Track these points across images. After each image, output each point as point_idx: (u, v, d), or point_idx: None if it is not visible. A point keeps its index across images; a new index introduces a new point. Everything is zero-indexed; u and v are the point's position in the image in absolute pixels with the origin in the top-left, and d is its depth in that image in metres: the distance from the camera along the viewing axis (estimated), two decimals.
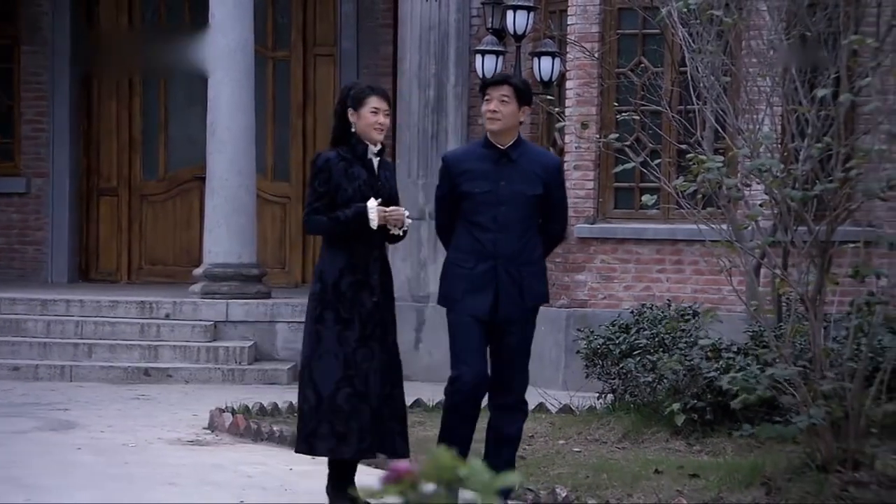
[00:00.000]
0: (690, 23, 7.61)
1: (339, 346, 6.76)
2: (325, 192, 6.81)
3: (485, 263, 6.72)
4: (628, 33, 12.10)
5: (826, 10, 7.66)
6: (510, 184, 6.71)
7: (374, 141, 6.86)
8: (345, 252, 6.81)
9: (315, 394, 6.78)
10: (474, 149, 6.99)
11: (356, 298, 6.79)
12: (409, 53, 13.03)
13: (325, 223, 6.80)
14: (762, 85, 7.76)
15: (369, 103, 6.81)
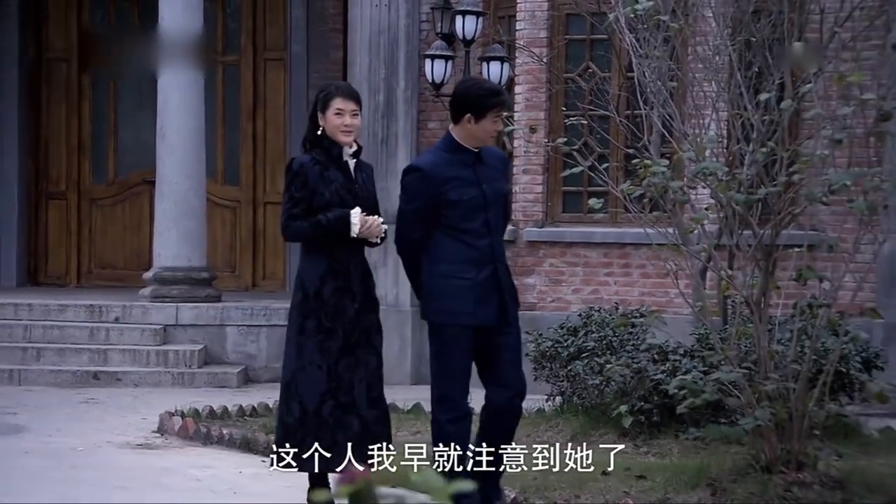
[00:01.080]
0: (637, 28, 7.64)
1: (322, 356, 6.54)
2: (301, 197, 6.58)
3: (486, 270, 6.52)
4: (576, 38, 12.15)
5: (770, 16, 7.71)
6: (489, 185, 6.59)
7: (342, 143, 6.66)
8: (325, 258, 6.60)
9: (300, 407, 6.56)
10: (442, 155, 6.66)
11: (338, 306, 6.57)
12: (358, 58, 13.03)
13: (305, 228, 6.58)
14: (708, 90, 7.80)
15: (333, 105, 6.65)
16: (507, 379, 6.64)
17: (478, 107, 6.53)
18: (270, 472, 7.15)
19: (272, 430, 9.28)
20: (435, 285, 6.56)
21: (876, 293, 11.25)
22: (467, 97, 6.60)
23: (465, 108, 6.57)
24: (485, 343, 6.58)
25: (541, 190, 12.25)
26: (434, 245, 6.55)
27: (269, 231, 15.09)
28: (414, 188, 6.59)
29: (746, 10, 7.71)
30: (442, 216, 6.51)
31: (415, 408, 10.29)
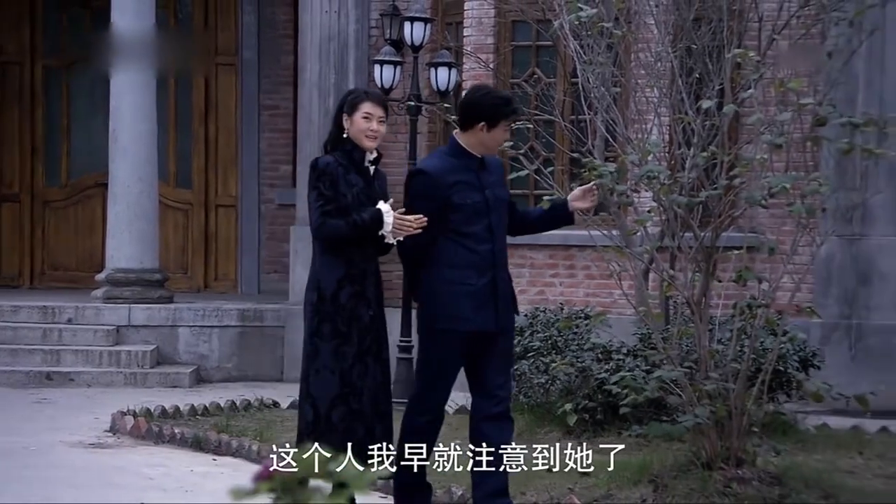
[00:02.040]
0: (581, 35, 7.66)
1: (336, 361, 6.34)
2: (331, 195, 6.30)
3: (485, 276, 6.39)
4: (522, 45, 12.19)
5: (711, 24, 7.77)
6: (492, 190, 6.48)
7: (365, 147, 6.43)
8: (343, 262, 6.36)
9: (313, 409, 6.39)
10: (446, 159, 6.51)
11: (354, 311, 6.36)
12: (309, 63, 13.02)
13: (342, 227, 6.29)
14: (650, 95, 7.84)
15: (362, 108, 6.41)
16: (491, 388, 6.51)
17: (492, 116, 6.43)
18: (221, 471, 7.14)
19: (224, 428, 9.29)
20: (435, 290, 6.42)
21: (813, 294, 11.35)
22: (482, 106, 6.48)
23: (479, 116, 6.43)
24: (477, 349, 6.46)
25: None
26: (437, 249, 6.40)
27: (221, 233, 15.05)
28: (420, 191, 6.43)
29: (687, 17, 7.76)
30: (446, 220, 6.37)
31: None
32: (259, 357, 12.99)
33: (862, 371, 11.07)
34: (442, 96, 11.78)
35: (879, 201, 10.86)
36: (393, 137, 13.13)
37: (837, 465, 7.96)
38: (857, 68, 10.92)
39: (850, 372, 10.81)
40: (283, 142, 14.66)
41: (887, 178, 10.56)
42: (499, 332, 6.49)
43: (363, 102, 6.44)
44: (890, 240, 11.59)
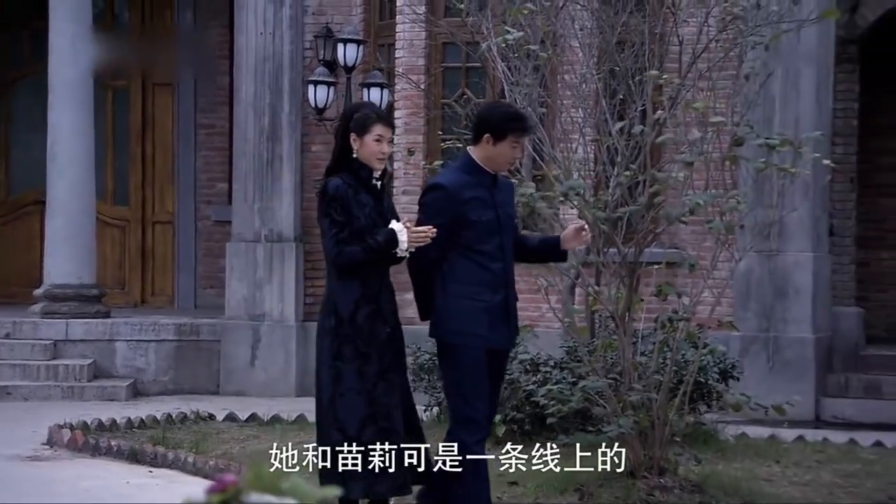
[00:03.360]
0: (509, 57, 7.70)
1: (361, 382, 6.06)
2: (344, 221, 6.04)
3: (499, 294, 6.18)
4: (452, 66, 12.22)
5: (633, 47, 7.83)
6: (503, 209, 6.29)
7: (375, 169, 6.17)
8: (358, 282, 6.09)
9: (341, 433, 6.07)
10: (460, 175, 6.28)
11: (372, 330, 6.11)
12: (244, 84, 12.99)
13: (359, 253, 6.03)
14: (575, 116, 7.89)
15: (374, 130, 6.13)
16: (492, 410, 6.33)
17: (498, 129, 6.21)
18: (157, 482, 7.09)
19: (160, 441, 9.21)
20: (449, 306, 6.17)
21: (733, 308, 11.45)
22: (489, 119, 6.30)
23: (485, 129, 6.24)
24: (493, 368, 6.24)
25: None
26: (449, 266, 6.16)
27: (158, 249, 14.95)
28: (436, 206, 6.17)
29: (611, 41, 7.82)
30: (459, 237, 6.14)
31: (299, 419, 10.25)
32: (195, 371, 12.90)
33: (779, 382, 11.17)
34: None
35: (795, 218, 10.98)
36: (326, 156, 13.09)
37: (755, 473, 8.03)
38: (773, 90, 11.05)
39: (768, 383, 10.91)
40: (219, 160, 14.60)
41: (802, 195, 10.69)
42: (506, 351, 6.35)
43: (374, 124, 6.15)
44: (805, 255, 11.72)
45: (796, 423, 10.16)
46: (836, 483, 7.93)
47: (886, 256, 13.37)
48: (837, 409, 11.75)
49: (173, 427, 10.01)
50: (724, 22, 7.34)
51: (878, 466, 8.46)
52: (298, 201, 13.03)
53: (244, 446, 9.14)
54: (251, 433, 9.69)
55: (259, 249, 12.91)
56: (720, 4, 7.33)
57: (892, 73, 13.25)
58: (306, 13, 13.02)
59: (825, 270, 12.06)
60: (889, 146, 13.36)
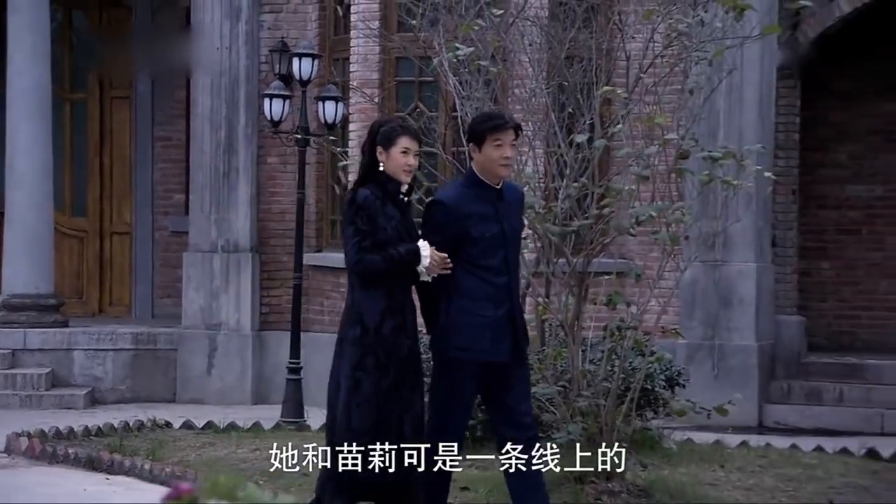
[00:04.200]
0: (460, 72, 7.71)
1: (378, 394, 5.92)
2: (368, 230, 5.90)
3: (502, 308, 6.02)
4: (405, 80, 12.22)
5: (582, 62, 7.86)
6: (508, 223, 6.09)
7: (402, 182, 6.03)
8: (384, 294, 5.95)
9: (356, 444, 5.90)
10: (464, 191, 6.11)
11: (396, 343, 5.96)
12: (201, 97, 12.95)
13: (379, 262, 5.89)
14: (525, 130, 7.90)
15: (400, 143, 5.99)
16: (517, 416, 6.11)
17: (475, 135, 6.08)
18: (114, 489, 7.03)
19: (117, 448, 9.13)
20: (452, 320, 6.02)
21: (679, 316, 11.50)
22: (469, 129, 6.17)
23: (469, 138, 6.14)
24: (495, 379, 6.10)
25: None
26: (454, 281, 5.99)
27: (116, 259, 14.85)
28: (437, 222, 6.03)
29: (559, 56, 7.84)
30: (462, 252, 5.98)
31: (254, 426, 10.20)
32: (152, 379, 12.83)
33: (724, 389, 11.21)
34: (329, 129, 11.77)
35: (738, 229, 11.05)
36: (282, 168, 13.09)
37: (700, 477, 8.05)
38: (718, 104, 11.12)
39: (713, 390, 10.94)
40: (175, 172, 14.52)
41: (745, 207, 10.75)
42: (514, 363, 6.13)
43: (400, 137, 6.02)
44: (748, 265, 11.79)
45: (740, 428, 10.22)
46: (778, 487, 7.97)
47: (827, 267, 13.47)
48: (780, 414, 11.82)
49: (130, 435, 9.94)
50: (669, 38, 7.38)
51: (819, 471, 8.51)
52: (254, 212, 13.00)
53: (200, 454, 9.09)
54: (207, 440, 9.63)
55: (215, 260, 12.86)
56: (665, 21, 7.37)
57: (832, 88, 13.37)
58: (262, 28, 13.00)
59: (768, 280, 12.14)
60: (829, 159, 13.47)
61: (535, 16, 8.34)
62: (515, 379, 6.12)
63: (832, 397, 11.92)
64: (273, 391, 12.44)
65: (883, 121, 13.35)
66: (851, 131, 13.43)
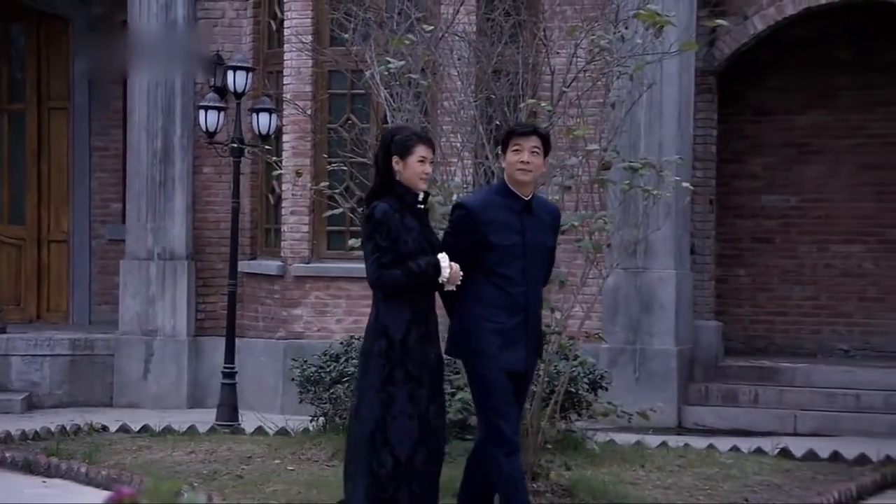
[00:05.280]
0: (391, 85, 7.71)
1: (412, 405, 5.74)
2: (387, 246, 5.72)
3: (516, 317, 5.89)
4: (338, 93, 12.20)
5: (508, 76, 7.89)
6: (533, 235, 5.92)
7: (419, 190, 5.84)
8: (407, 305, 5.78)
9: (392, 458, 5.73)
10: (491, 197, 5.99)
11: (423, 353, 5.78)
12: (137, 108, 12.85)
13: (399, 277, 5.72)
14: (454, 141, 7.92)
15: (417, 152, 5.80)
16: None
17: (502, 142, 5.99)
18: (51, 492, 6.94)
19: (54, 452, 9.01)
20: (466, 326, 5.92)
21: (602, 321, 11.56)
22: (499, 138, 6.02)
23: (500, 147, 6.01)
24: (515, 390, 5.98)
25: (307, 229, 12.23)
26: (472, 286, 5.87)
27: (54, 267, 14.67)
28: (458, 225, 5.91)
29: (487, 70, 7.87)
30: (482, 258, 5.86)
31: (189, 430, 10.12)
32: (89, 384, 12.71)
33: (645, 391, 11.31)
34: (263, 140, 11.72)
35: (659, 237, 11.13)
36: (217, 178, 13.01)
37: (622, 477, 8.09)
38: (638, 117, 11.20)
39: (635, 393, 11.03)
40: (112, 181, 14.38)
41: (665, 216, 10.82)
42: (526, 374, 6.04)
43: (417, 145, 5.83)
44: (668, 272, 11.88)
45: (660, 429, 10.29)
46: (696, 486, 8.03)
47: (743, 273, 13.61)
48: (698, 416, 11.92)
49: (67, 439, 9.82)
50: (591, 53, 7.42)
51: (735, 470, 8.58)
52: (190, 221, 12.92)
53: (136, 457, 9.00)
54: (143, 444, 9.54)
55: (152, 267, 12.77)
56: (588, 37, 7.41)
57: (747, 102, 13.51)
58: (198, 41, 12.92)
59: (687, 287, 12.23)
60: (744, 171, 13.61)
61: (463, 31, 8.36)
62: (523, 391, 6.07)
63: (748, 399, 12.04)
64: (208, 395, 12.35)
65: (796, 134, 13.52)
66: (766, 144, 13.58)
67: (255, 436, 9.83)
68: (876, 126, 13.27)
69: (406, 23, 7.84)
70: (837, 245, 13.40)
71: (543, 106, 7.33)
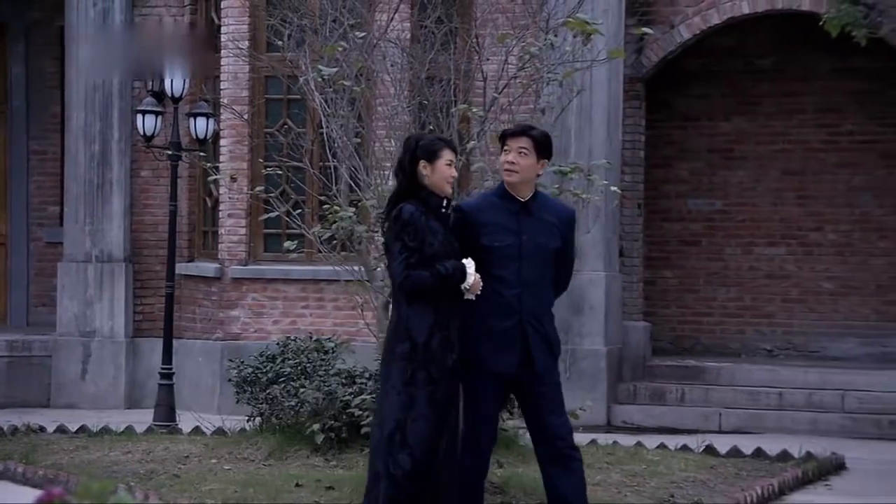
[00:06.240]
0: (326, 91, 7.68)
1: (432, 408, 5.64)
2: (415, 247, 5.62)
3: (509, 320, 5.71)
4: (274, 98, 12.15)
5: (441, 82, 7.89)
6: (531, 237, 5.75)
7: (445, 194, 5.76)
8: (431, 308, 5.67)
9: (411, 459, 5.63)
10: (489, 199, 5.89)
11: (443, 357, 5.69)
12: (75, 112, 12.74)
13: (426, 279, 5.61)
14: (388, 146, 7.90)
15: (444, 156, 5.73)
16: (550, 430, 5.81)
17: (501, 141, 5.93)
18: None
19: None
20: (464, 327, 5.75)
21: None
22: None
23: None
24: (522, 394, 5.85)
25: (244, 232, 12.17)
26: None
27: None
28: (455, 227, 5.80)
29: (420, 76, 7.86)
30: (480, 261, 5.72)
31: (127, 430, 10.02)
32: (27, 385, 12.57)
33: (576, 391, 11.33)
34: (200, 144, 11.65)
35: (588, 240, 11.18)
36: (155, 181, 12.91)
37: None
38: (569, 123, 11.25)
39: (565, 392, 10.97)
40: (50, 184, 14.23)
41: (594, 220, 10.88)
42: (534, 378, 5.77)
43: (444, 150, 5.76)
44: (598, 274, 11.94)
45: (590, 427, 10.32)
46: (624, 482, 8.07)
47: (670, 275, 13.70)
48: (627, 414, 11.99)
49: (4, 439, 9.70)
50: (522, 60, 7.44)
51: (661, 466, 8.64)
52: (128, 223, 12.82)
53: (73, 457, 8.90)
54: (80, 444, 9.43)
55: (90, 269, 12.66)
56: (519, 44, 7.43)
57: (674, 108, 13.62)
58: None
59: (616, 288, 12.30)
60: (671, 175, 13.71)
61: (396, 38, 8.34)
62: (541, 395, 5.79)
63: (674, 398, 12.13)
64: (146, 396, 12.25)
65: (721, 140, 13.64)
66: (692, 149, 13.70)
67: (193, 436, 9.75)
68: (796, 133, 13.43)
69: (340, 29, 7.81)
70: (761, 248, 13.54)
71: (475, 112, 7.34)
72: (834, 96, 13.23)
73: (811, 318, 13.34)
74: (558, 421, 5.82)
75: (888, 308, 13.13)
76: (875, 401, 11.73)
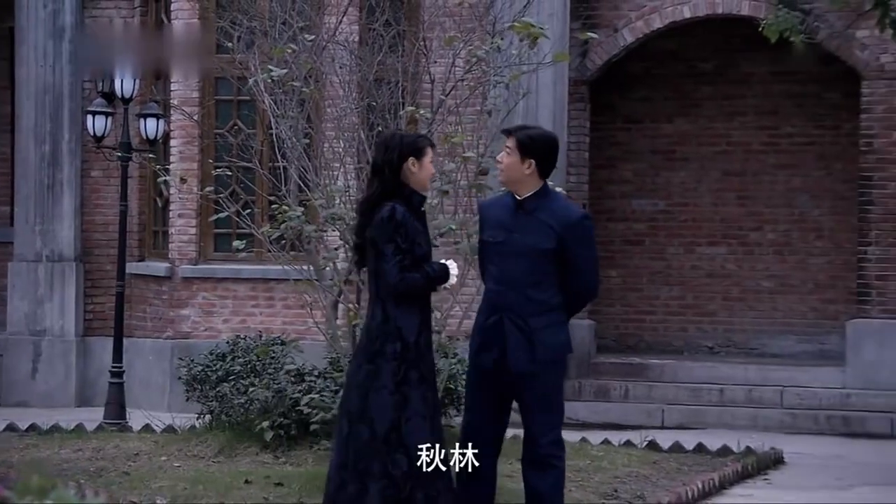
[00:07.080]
0: (275, 92, 7.65)
1: (425, 407, 5.55)
2: (407, 248, 5.50)
3: (493, 316, 5.62)
4: (224, 99, 12.09)
5: (389, 84, 7.88)
6: (523, 236, 5.61)
7: (427, 191, 5.73)
8: (418, 309, 5.59)
9: (407, 458, 5.51)
10: (503, 198, 5.83)
11: (430, 355, 5.64)
12: (25, 112, 12.63)
13: (419, 280, 5.53)
14: (337, 147, 7.88)
15: (429, 153, 5.64)
16: (529, 431, 5.78)
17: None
18: None
19: None
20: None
21: None
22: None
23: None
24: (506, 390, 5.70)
25: (194, 232, 12.10)
26: None
27: None
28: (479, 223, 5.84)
29: (369, 78, 7.84)
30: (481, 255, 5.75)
31: (77, 428, 9.93)
32: None
33: None
34: (150, 144, 11.57)
35: None
36: (106, 181, 12.81)
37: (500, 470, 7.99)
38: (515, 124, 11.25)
39: None
40: (0, 184, 14.07)
41: None
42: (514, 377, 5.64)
43: (427, 147, 5.66)
44: None
45: None
46: (569, 477, 8.00)
47: (615, 275, 13.76)
48: (572, 410, 12.01)
49: None
50: (469, 63, 7.45)
51: (605, 462, 8.67)
52: (79, 223, 12.72)
53: (23, 455, 8.81)
54: (31, 442, 9.34)
55: (40, 269, 12.55)
56: (466, 48, 7.44)
57: (618, 111, 13.68)
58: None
59: None
60: (615, 176, 13.77)
61: (345, 40, 8.32)
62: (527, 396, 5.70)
63: (619, 394, 12.18)
64: (96, 394, 12.16)
65: (663, 141, 13.72)
66: (635, 151, 13.76)
67: (143, 433, 9.68)
68: (736, 135, 13.53)
69: (289, 31, 7.78)
70: (703, 247, 13.63)
71: (423, 113, 7.34)
72: (773, 99, 13.35)
73: (751, 316, 13.45)
74: (536, 423, 5.76)
75: (826, 306, 13.26)
76: (813, 397, 11.85)
